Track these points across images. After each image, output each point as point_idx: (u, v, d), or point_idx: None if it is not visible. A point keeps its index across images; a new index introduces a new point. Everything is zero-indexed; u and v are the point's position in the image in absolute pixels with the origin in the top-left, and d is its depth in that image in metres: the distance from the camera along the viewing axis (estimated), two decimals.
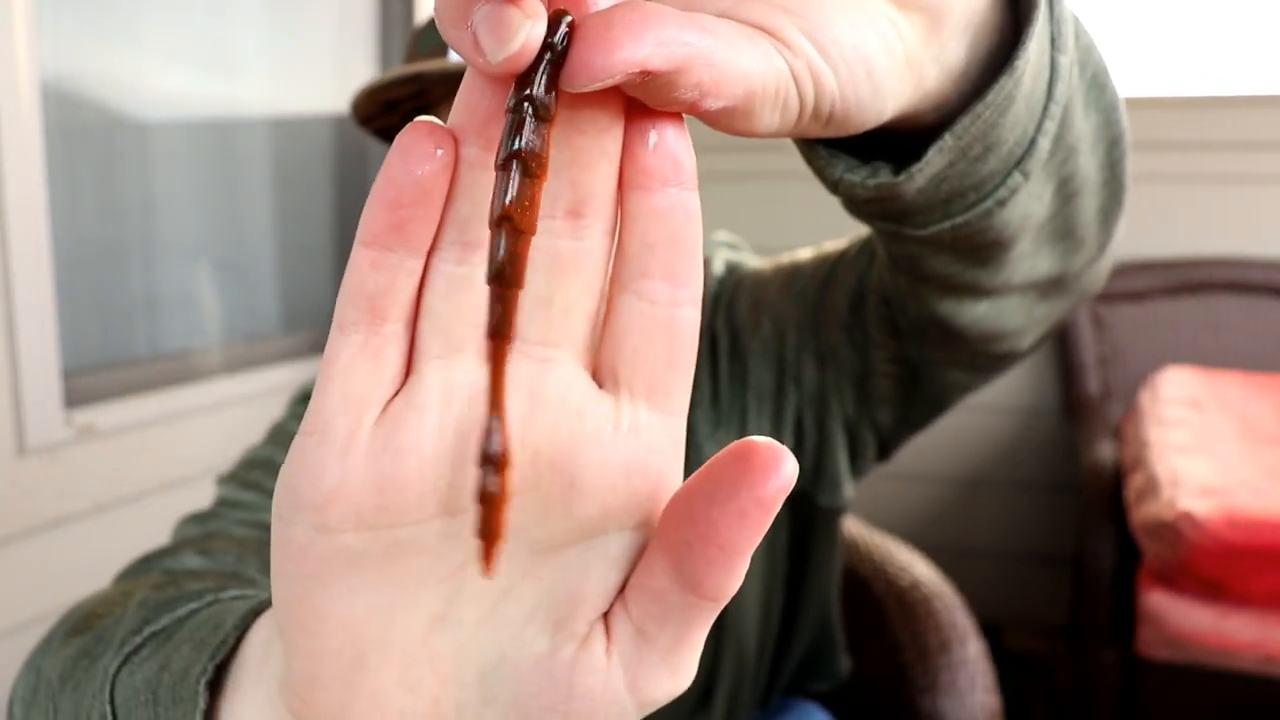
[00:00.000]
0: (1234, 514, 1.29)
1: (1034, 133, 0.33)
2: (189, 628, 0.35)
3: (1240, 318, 2.14)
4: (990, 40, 0.29)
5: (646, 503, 0.23)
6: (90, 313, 1.18)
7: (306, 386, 0.70)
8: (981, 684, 0.94)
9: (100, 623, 0.42)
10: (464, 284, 0.22)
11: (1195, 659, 1.38)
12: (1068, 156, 0.36)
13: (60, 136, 1.12)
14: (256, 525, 0.58)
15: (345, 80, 1.58)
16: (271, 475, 0.61)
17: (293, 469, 0.22)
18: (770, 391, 0.66)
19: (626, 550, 0.23)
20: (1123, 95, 0.39)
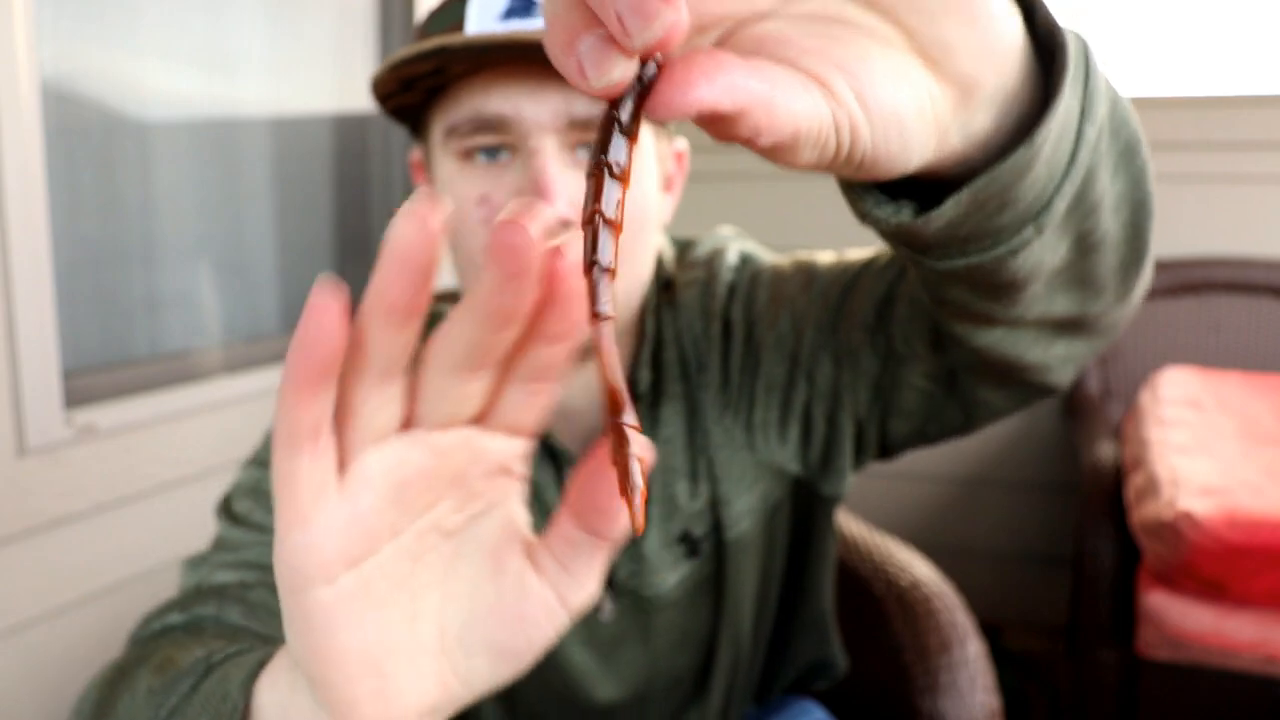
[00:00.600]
0: (1234, 514, 1.29)
1: (1051, 194, 0.34)
2: (197, 702, 0.41)
3: (1241, 318, 2.14)
4: (1018, 110, 0.31)
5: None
6: (90, 312, 1.18)
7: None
8: (982, 684, 0.94)
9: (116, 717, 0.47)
10: (383, 397, 0.28)
11: (1195, 659, 1.38)
12: (1088, 214, 0.38)
13: (60, 136, 1.11)
14: (242, 566, 0.59)
15: (345, 80, 1.58)
16: (259, 504, 0.63)
17: (288, 554, 0.28)
18: (780, 383, 0.67)
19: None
20: (1146, 156, 0.40)
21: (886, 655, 1.00)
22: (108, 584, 1.18)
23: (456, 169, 0.59)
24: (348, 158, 1.60)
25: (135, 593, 1.23)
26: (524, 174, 0.57)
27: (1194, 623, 1.35)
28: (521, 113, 0.56)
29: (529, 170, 0.56)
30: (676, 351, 0.68)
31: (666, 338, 0.68)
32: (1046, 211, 0.35)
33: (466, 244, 0.59)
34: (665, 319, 0.69)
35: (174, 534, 1.27)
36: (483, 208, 0.57)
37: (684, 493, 0.68)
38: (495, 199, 0.57)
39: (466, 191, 0.58)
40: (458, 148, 0.58)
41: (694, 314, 0.68)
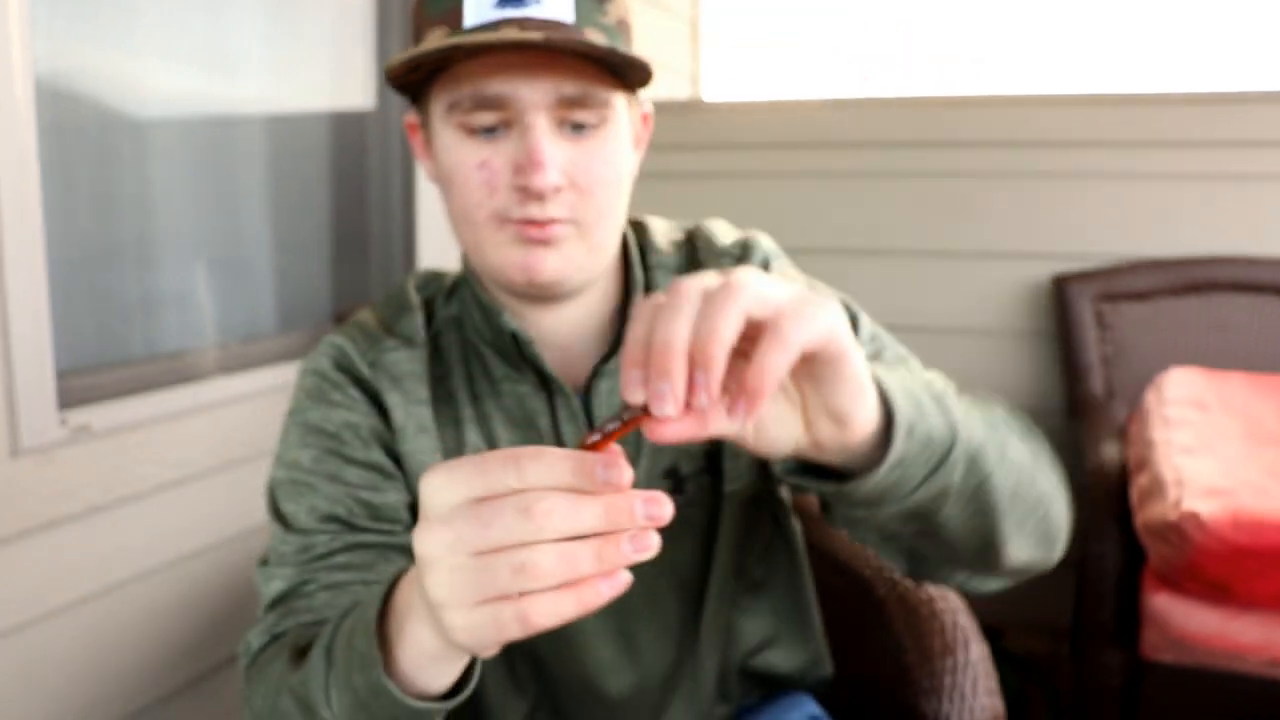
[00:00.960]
0: (1239, 515, 1.28)
1: (905, 496, 0.56)
2: (343, 634, 0.56)
3: (1246, 317, 2.13)
4: (873, 448, 0.54)
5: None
6: (85, 312, 1.17)
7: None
8: (984, 687, 0.93)
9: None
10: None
11: (1200, 661, 1.37)
12: (935, 511, 0.59)
13: (55, 134, 1.11)
14: (296, 565, 0.71)
15: (342, 77, 1.57)
16: (295, 497, 0.73)
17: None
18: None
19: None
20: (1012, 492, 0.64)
21: (889, 657, 1.00)
22: (103, 586, 1.18)
23: (458, 139, 0.68)
24: (345, 156, 1.59)
25: (131, 595, 1.22)
26: (519, 145, 0.66)
27: (1199, 625, 1.34)
28: (518, 93, 0.65)
29: (524, 142, 0.66)
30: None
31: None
32: (901, 503, 0.56)
33: (466, 202, 0.69)
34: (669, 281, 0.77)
35: (170, 536, 1.26)
36: (483, 172, 0.67)
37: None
38: (494, 165, 0.67)
39: (468, 158, 0.67)
40: (459, 121, 0.67)
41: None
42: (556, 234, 0.68)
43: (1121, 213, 2.23)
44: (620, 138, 0.70)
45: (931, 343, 2.40)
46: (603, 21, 0.67)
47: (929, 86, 2.38)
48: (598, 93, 0.66)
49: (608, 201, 0.70)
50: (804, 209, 2.43)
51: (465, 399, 0.75)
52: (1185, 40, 2.27)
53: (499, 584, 0.42)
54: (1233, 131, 2.14)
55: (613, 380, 0.75)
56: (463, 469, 0.43)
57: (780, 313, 0.45)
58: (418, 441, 0.74)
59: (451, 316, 0.79)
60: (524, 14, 0.64)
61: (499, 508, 0.42)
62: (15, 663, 1.08)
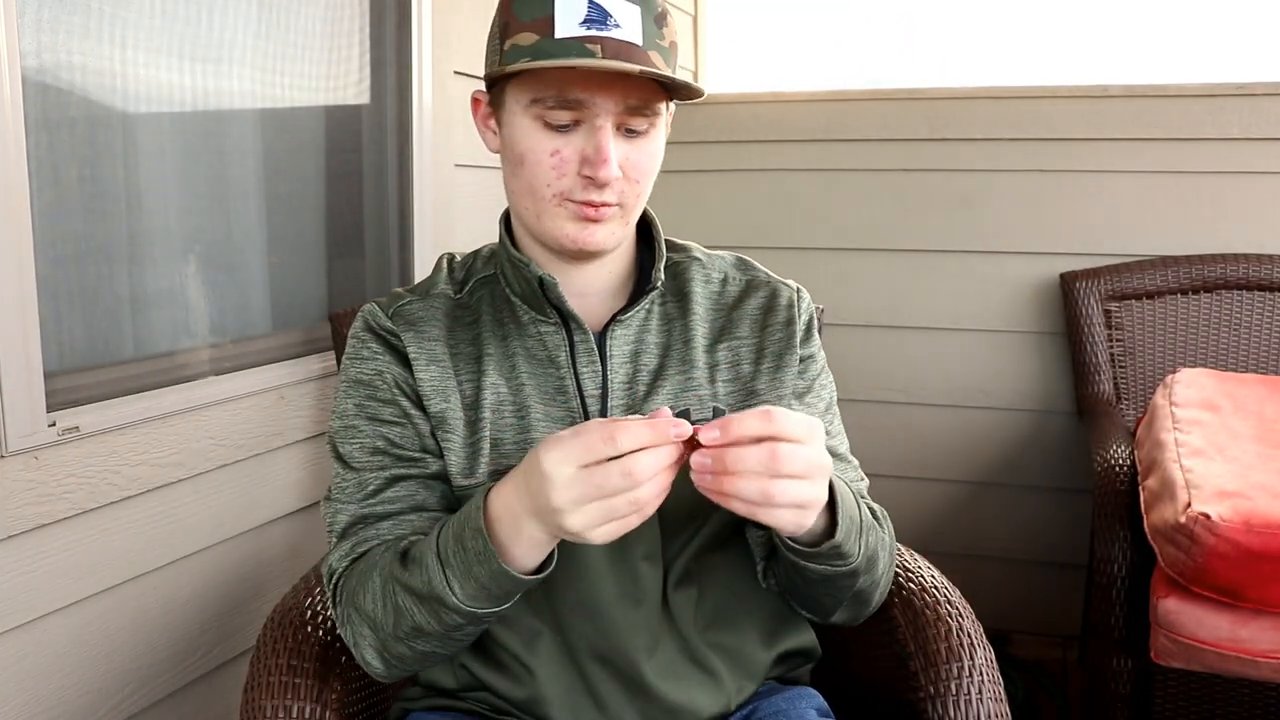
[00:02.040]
0: (1251, 518, 1.26)
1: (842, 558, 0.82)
2: (449, 533, 0.78)
3: (1258, 316, 2.11)
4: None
5: None
6: (73, 312, 1.16)
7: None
8: (990, 693, 0.93)
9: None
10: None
11: (1211, 667, 1.35)
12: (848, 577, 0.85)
13: (42, 129, 1.09)
14: (359, 500, 0.89)
15: (336, 71, 1.55)
16: (350, 440, 0.91)
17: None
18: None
19: None
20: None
21: (894, 663, 0.99)
22: (93, 590, 1.17)
23: (534, 126, 0.83)
24: (339, 152, 1.58)
25: (122, 598, 1.21)
26: (588, 141, 0.82)
27: (1209, 630, 1.33)
28: (594, 100, 0.81)
29: (593, 140, 0.82)
30: (708, 303, 0.95)
31: (695, 288, 0.95)
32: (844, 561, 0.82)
33: (536, 180, 0.84)
34: (695, 274, 0.96)
35: (161, 539, 1.25)
36: (554, 158, 0.83)
37: (700, 379, 0.91)
38: (564, 154, 0.82)
39: (543, 144, 0.83)
40: (538, 113, 0.82)
41: (756, 309, 0.95)
42: (607, 214, 0.84)
43: (1130, 209, 2.21)
44: (662, 138, 0.88)
45: (937, 341, 2.39)
46: (660, 44, 0.82)
47: (935, 80, 2.36)
48: (654, 105, 0.83)
49: (647, 188, 0.88)
50: (807, 205, 2.41)
51: (492, 339, 0.91)
52: (1195, 33, 2.25)
53: (620, 513, 0.68)
54: (1244, 126, 2.12)
55: (626, 328, 0.91)
56: (571, 446, 0.67)
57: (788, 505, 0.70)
58: (430, 370, 0.89)
59: (487, 275, 0.96)
60: (605, 34, 0.79)
61: (609, 475, 0.66)
62: (5, 668, 1.07)
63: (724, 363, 0.93)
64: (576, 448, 0.66)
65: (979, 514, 2.40)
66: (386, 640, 0.82)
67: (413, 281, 1.69)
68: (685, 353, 0.92)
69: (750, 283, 0.98)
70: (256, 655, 0.96)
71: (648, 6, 0.82)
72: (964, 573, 1.35)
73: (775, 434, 0.68)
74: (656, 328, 0.93)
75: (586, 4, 0.79)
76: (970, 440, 2.38)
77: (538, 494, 0.69)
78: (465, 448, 0.88)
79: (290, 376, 1.43)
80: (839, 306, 2.37)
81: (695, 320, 0.93)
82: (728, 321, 0.95)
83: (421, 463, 0.89)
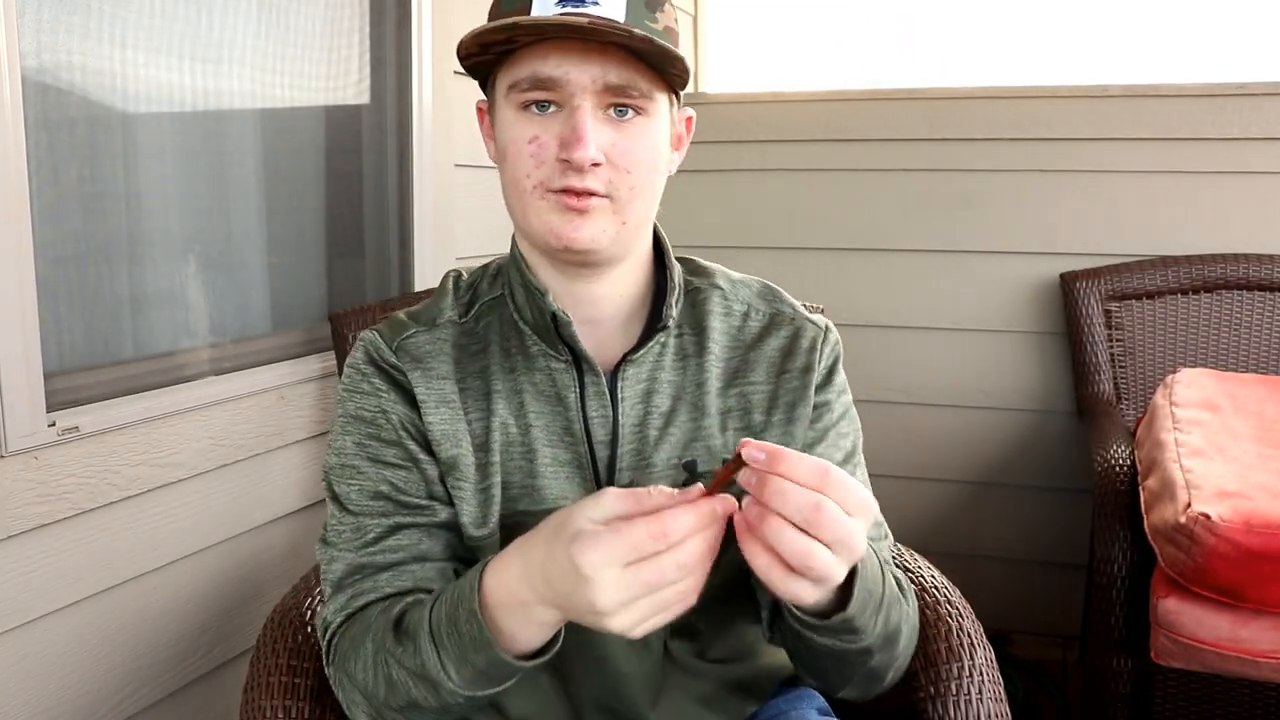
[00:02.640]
0: (1251, 518, 1.26)
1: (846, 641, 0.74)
2: (443, 608, 0.72)
3: (1258, 316, 2.11)
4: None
5: None
6: (73, 312, 1.16)
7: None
8: (990, 693, 0.93)
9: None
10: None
11: (1211, 667, 1.35)
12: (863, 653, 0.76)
13: (42, 129, 1.09)
14: (360, 549, 0.83)
15: (335, 71, 1.55)
16: (347, 479, 0.85)
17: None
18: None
19: None
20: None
21: None
22: (93, 590, 1.16)
23: (514, 116, 0.78)
24: (339, 152, 1.58)
25: (122, 599, 1.21)
26: (566, 123, 0.76)
27: (1210, 630, 1.32)
28: (569, 76, 0.75)
29: (570, 121, 0.76)
30: (726, 340, 0.89)
31: (713, 322, 0.89)
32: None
33: (517, 172, 0.78)
34: (715, 305, 0.90)
35: (161, 539, 1.25)
36: (533, 145, 0.77)
37: (711, 428, 0.86)
38: (543, 139, 0.77)
39: (522, 133, 0.77)
40: (517, 100, 0.77)
41: (775, 350, 0.89)
42: (592, 205, 0.77)
43: (1131, 209, 2.21)
44: (658, 130, 0.80)
45: (937, 342, 2.39)
46: (651, 25, 0.77)
47: (935, 80, 2.36)
48: (639, 83, 0.76)
49: (641, 181, 0.79)
50: (807, 205, 2.41)
51: (500, 372, 0.85)
52: (1195, 33, 2.25)
53: (670, 603, 0.61)
54: (1244, 126, 2.11)
55: (639, 367, 0.85)
56: (614, 546, 0.59)
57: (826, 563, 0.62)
58: (439, 412, 0.83)
59: (494, 298, 0.89)
60: (582, 10, 0.74)
61: (662, 571, 0.60)
62: (6, 668, 1.07)
63: (735, 409, 0.87)
64: (621, 548, 0.59)
65: (979, 514, 2.40)
66: (381, 709, 0.77)
67: (413, 284, 1.70)
68: (698, 397, 0.86)
69: (773, 318, 0.91)
70: (256, 655, 0.96)
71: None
72: (964, 573, 1.35)
73: (826, 493, 0.60)
74: (671, 364, 0.87)
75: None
76: (970, 440, 2.38)
77: (572, 595, 0.61)
78: (477, 494, 0.83)
79: (290, 376, 1.43)
80: (839, 306, 2.37)
81: (711, 360, 0.87)
82: (743, 362, 0.88)
83: (428, 510, 0.83)
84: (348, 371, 0.87)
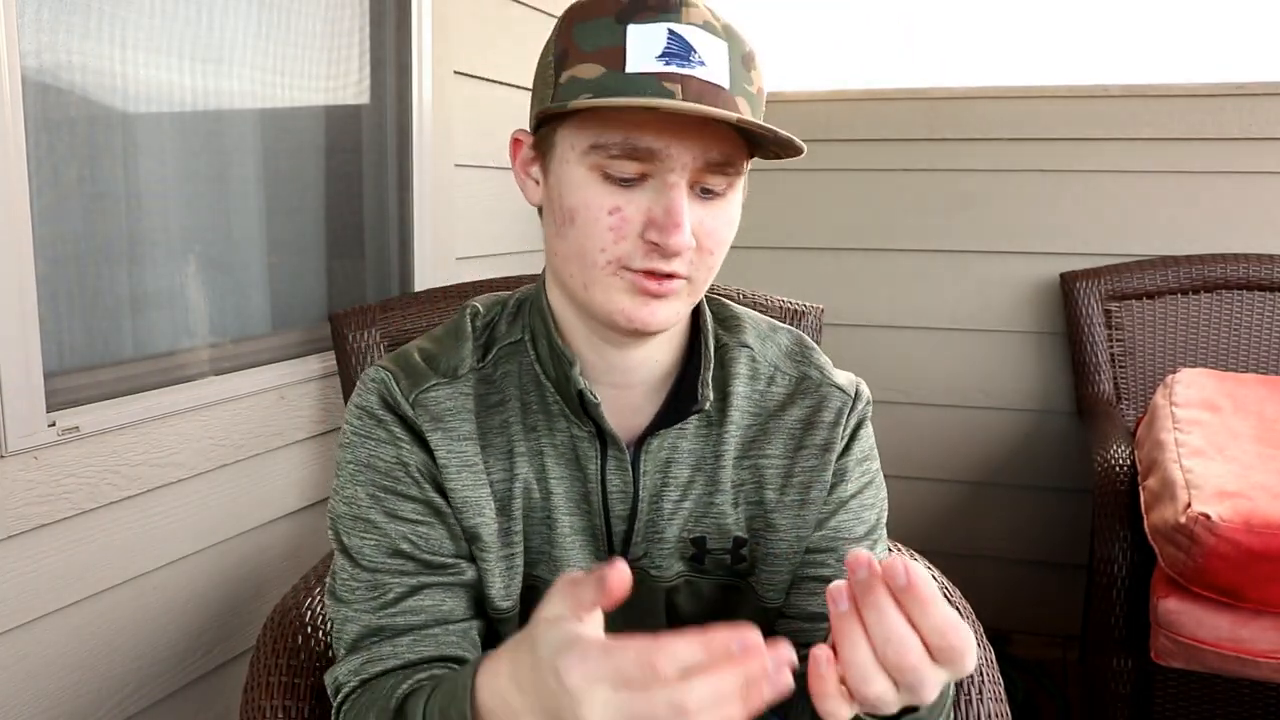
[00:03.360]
0: (1251, 518, 1.26)
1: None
2: (438, 698, 0.64)
3: (1258, 316, 2.10)
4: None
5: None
6: (73, 312, 1.16)
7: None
8: (990, 693, 0.92)
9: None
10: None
11: (1211, 668, 1.35)
12: None
13: (43, 129, 1.09)
14: (376, 610, 0.77)
15: (336, 72, 1.55)
16: (358, 531, 0.78)
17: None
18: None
19: None
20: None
21: None
22: (93, 590, 1.16)
23: (592, 180, 0.68)
24: (339, 152, 1.58)
25: (122, 599, 1.21)
26: (656, 200, 0.68)
27: (1210, 630, 1.32)
28: (670, 150, 0.66)
29: (663, 199, 0.67)
30: (748, 407, 0.83)
31: (738, 387, 0.82)
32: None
33: (588, 243, 0.69)
34: (741, 368, 0.83)
35: (161, 539, 1.25)
36: (614, 217, 0.68)
37: (724, 504, 0.81)
38: (626, 213, 0.68)
39: (601, 200, 0.68)
40: (598, 163, 0.68)
41: (796, 421, 0.83)
42: (672, 288, 0.70)
43: (1130, 209, 2.21)
44: (739, 201, 0.74)
45: (937, 342, 2.39)
46: (749, 89, 0.69)
47: (935, 80, 2.36)
48: (738, 162, 0.69)
49: (719, 261, 0.73)
50: (807, 205, 2.41)
51: (520, 431, 0.79)
52: (1195, 33, 2.25)
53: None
54: (1244, 126, 2.11)
55: (662, 440, 0.80)
56: (600, 665, 0.50)
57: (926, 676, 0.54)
58: (461, 478, 0.77)
59: (513, 342, 0.81)
60: (689, 72, 0.66)
61: (651, 703, 0.48)
62: (6, 668, 1.07)
63: (749, 482, 0.82)
64: (607, 669, 0.50)
65: (979, 514, 2.40)
66: None
67: (413, 284, 1.69)
68: (715, 470, 0.81)
69: (799, 384, 0.84)
70: (256, 656, 0.96)
71: (734, 43, 0.69)
72: (964, 573, 1.35)
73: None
74: (693, 431, 0.81)
75: (666, 35, 0.66)
76: (970, 440, 2.38)
77: (560, 712, 0.52)
78: (500, 562, 0.78)
79: (290, 376, 1.43)
80: (839, 306, 2.37)
81: (731, 429, 0.82)
82: (761, 431, 0.82)
83: (453, 569, 0.77)
84: (356, 413, 0.79)
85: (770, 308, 1.43)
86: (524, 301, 0.83)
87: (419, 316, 1.45)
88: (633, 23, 0.67)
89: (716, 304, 0.87)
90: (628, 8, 0.67)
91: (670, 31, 0.66)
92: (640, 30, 0.66)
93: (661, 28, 0.66)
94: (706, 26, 0.68)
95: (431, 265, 1.72)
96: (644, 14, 0.67)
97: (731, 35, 0.69)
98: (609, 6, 0.68)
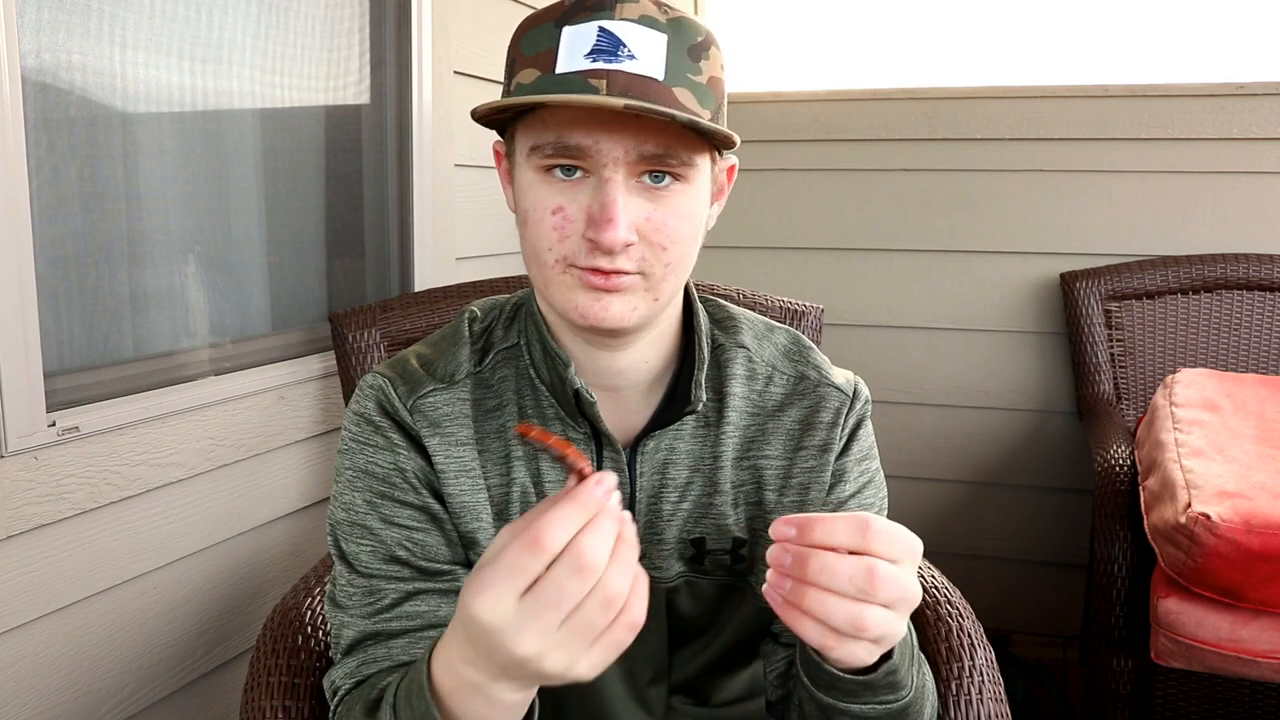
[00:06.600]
0: (1251, 518, 1.26)
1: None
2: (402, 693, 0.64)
3: (1258, 316, 2.10)
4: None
5: None
6: (73, 312, 1.16)
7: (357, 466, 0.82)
8: (990, 693, 0.92)
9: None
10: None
11: (1211, 667, 1.35)
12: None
13: (42, 129, 1.09)
14: (371, 616, 0.78)
15: (335, 71, 1.55)
16: (355, 537, 0.79)
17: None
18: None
19: None
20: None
21: None
22: (93, 590, 1.16)
23: (536, 179, 0.70)
24: (339, 152, 1.58)
25: (122, 599, 1.21)
26: (594, 196, 0.68)
27: (1210, 630, 1.32)
28: (599, 145, 0.67)
29: (599, 195, 0.68)
30: (746, 407, 0.83)
31: (735, 387, 0.83)
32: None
33: (538, 244, 0.71)
34: (738, 368, 0.83)
35: (161, 539, 1.25)
36: (556, 217, 0.69)
37: (723, 505, 0.81)
38: (568, 211, 0.69)
39: (544, 201, 0.69)
40: (539, 163, 0.69)
41: (794, 422, 0.83)
42: (622, 284, 0.69)
43: (1130, 209, 2.21)
44: (698, 194, 0.72)
45: (937, 341, 2.39)
46: (694, 79, 0.68)
47: (935, 80, 2.36)
48: (679, 153, 0.68)
49: (677, 256, 0.71)
50: (807, 205, 2.41)
51: (517, 435, 0.79)
52: (1195, 33, 2.25)
53: (600, 625, 0.52)
54: (1244, 126, 2.11)
55: (657, 442, 0.80)
56: (496, 576, 0.51)
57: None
58: (459, 483, 0.78)
59: (509, 347, 0.82)
60: (615, 67, 0.66)
61: (559, 586, 0.50)
62: (5, 668, 1.07)
63: (748, 483, 0.82)
64: (503, 576, 0.51)
65: (979, 514, 2.40)
66: None
67: (413, 284, 1.69)
68: (713, 471, 0.81)
69: (797, 384, 0.84)
70: (256, 656, 0.96)
71: (679, 34, 0.68)
72: (964, 573, 1.35)
73: (871, 550, 0.57)
74: (690, 432, 0.82)
75: (596, 33, 0.67)
76: (970, 440, 2.37)
77: (496, 651, 0.53)
78: None
79: (290, 376, 1.43)
80: (839, 306, 2.37)
81: (728, 429, 0.82)
82: (760, 432, 0.83)
83: (448, 576, 0.78)
84: (354, 420, 0.80)
85: (770, 308, 1.43)
86: (520, 305, 0.84)
87: (419, 316, 1.45)
88: (568, 25, 0.68)
89: (713, 305, 0.87)
90: (567, 11, 0.69)
91: (600, 29, 0.67)
92: (572, 31, 0.67)
93: (593, 26, 0.67)
94: (644, 20, 0.68)
95: (431, 265, 1.72)
96: (580, 15, 0.68)
97: (678, 27, 0.69)
98: (553, 11, 0.70)
